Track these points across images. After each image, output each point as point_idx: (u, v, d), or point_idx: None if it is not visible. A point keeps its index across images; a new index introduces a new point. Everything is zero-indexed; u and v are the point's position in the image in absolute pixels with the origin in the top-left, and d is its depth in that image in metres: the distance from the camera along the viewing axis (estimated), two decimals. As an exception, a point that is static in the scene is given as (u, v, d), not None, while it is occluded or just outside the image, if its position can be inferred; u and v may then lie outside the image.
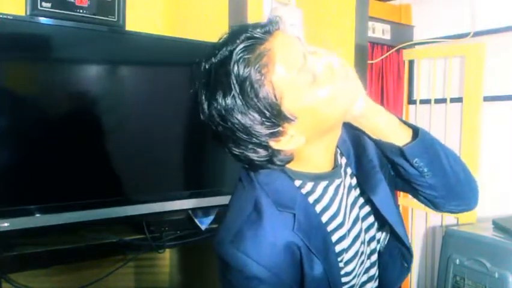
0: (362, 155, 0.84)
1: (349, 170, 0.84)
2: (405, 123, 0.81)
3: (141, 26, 1.65)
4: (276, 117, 0.66)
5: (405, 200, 2.70)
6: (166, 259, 1.98)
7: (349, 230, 0.81)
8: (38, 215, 1.30)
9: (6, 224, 1.24)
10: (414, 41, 2.62)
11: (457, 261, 1.87)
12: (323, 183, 0.79)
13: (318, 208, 0.77)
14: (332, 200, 0.79)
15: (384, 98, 2.57)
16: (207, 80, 0.67)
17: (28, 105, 1.33)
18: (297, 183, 0.77)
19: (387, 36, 2.53)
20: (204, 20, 1.79)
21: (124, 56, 1.50)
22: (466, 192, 0.86)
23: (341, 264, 0.79)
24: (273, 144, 0.69)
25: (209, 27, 1.76)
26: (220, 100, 0.65)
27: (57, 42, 1.36)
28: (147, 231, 1.53)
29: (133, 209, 1.46)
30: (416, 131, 0.79)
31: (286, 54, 0.66)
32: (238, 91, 0.64)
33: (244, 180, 0.78)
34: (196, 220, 1.65)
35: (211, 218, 1.68)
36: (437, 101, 2.54)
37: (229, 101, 0.65)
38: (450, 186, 0.82)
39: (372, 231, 0.87)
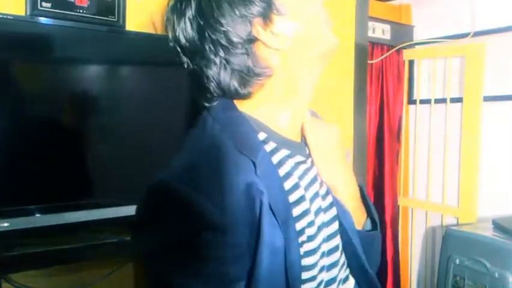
0: None
1: (310, 161, 0.76)
2: (367, 206, 0.82)
3: (141, 26, 1.65)
4: None
5: (405, 200, 2.70)
6: (166, 259, 1.98)
7: (315, 214, 0.71)
8: (38, 215, 1.30)
9: (6, 224, 1.24)
10: (414, 41, 2.62)
11: (457, 261, 1.87)
12: (285, 151, 0.71)
13: (281, 172, 0.68)
14: (293, 169, 0.70)
15: (384, 98, 2.57)
16: None
17: (28, 105, 1.33)
18: (261, 136, 0.69)
19: (387, 36, 2.53)
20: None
21: (124, 56, 1.50)
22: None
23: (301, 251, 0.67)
24: (260, 29, 0.66)
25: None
26: None
27: (57, 42, 1.36)
28: (147, 231, 1.53)
29: (133, 209, 1.46)
30: (373, 222, 0.82)
31: None
32: None
33: (201, 123, 0.70)
34: (196, 220, 1.65)
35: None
36: (437, 101, 2.54)
37: None
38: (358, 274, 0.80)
39: (335, 226, 0.76)
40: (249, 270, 0.61)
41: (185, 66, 0.71)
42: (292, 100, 0.72)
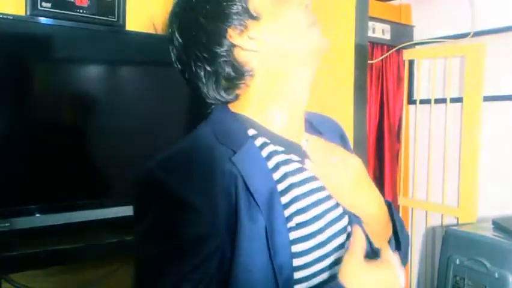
0: None
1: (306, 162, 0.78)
2: (394, 226, 0.82)
3: (141, 26, 1.64)
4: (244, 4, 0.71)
5: (405, 200, 2.70)
6: (166, 259, 1.98)
7: (309, 206, 0.72)
8: (38, 215, 1.30)
9: (6, 224, 1.24)
10: (414, 41, 2.62)
11: (457, 261, 1.87)
12: (277, 147, 0.74)
13: (270, 164, 0.71)
14: (283, 163, 0.73)
15: (384, 98, 2.57)
16: None
17: (28, 105, 1.33)
18: (251, 132, 0.74)
19: (387, 36, 2.53)
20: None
21: (124, 56, 1.50)
22: None
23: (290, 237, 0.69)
24: (236, 35, 0.71)
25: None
26: None
27: (57, 42, 1.36)
28: (147, 231, 1.53)
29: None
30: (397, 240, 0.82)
31: None
32: None
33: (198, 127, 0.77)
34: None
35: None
36: (437, 101, 2.54)
37: None
38: None
39: (340, 224, 0.77)
40: (230, 254, 0.64)
41: (186, 81, 0.78)
42: (281, 99, 0.75)
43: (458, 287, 1.87)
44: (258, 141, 0.73)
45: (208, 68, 0.73)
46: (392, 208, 0.83)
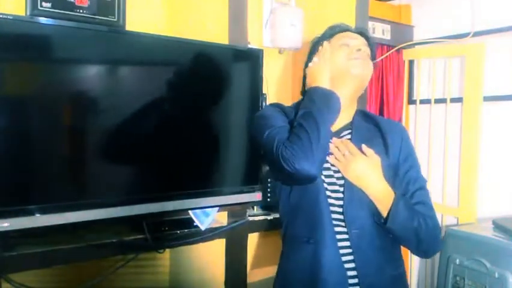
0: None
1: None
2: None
3: (141, 26, 1.65)
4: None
5: (405, 200, 2.69)
6: (166, 259, 1.98)
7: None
8: (38, 215, 1.30)
9: (6, 224, 1.24)
10: (414, 41, 2.62)
11: (457, 261, 1.87)
12: None
13: None
14: None
15: (384, 98, 2.57)
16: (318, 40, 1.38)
17: (28, 105, 1.33)
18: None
19: (387, 36, 2.53)
20: (204, 20, 1.79)
21: (124, 56, 1.50)
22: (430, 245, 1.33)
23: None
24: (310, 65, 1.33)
25: (209, 27, 1.76)
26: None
27: (57, 42, 1.36)
28: (147, 231, 1.53)
29: (133, 209, 1.46)
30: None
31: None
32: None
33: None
34: (196, 220, 1.65)
35: (211, 218, 1.68)
36: (437, 101, 2.54)
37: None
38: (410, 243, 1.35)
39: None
40: None
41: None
42: None
43: (458, 287, 1.87)
44: None
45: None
46: (398, 198, 1.21)
